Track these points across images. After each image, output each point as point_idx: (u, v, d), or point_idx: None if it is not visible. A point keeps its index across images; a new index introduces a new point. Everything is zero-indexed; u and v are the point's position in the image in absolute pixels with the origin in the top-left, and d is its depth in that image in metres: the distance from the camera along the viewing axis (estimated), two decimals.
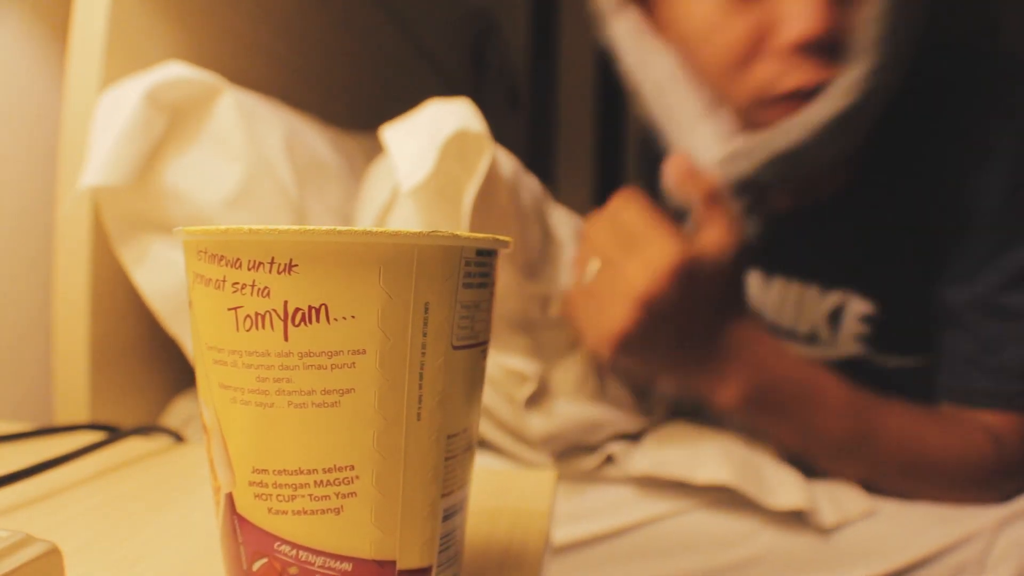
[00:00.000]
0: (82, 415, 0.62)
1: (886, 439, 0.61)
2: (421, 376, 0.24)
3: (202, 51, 0.75)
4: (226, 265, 0.23)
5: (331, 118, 1.06)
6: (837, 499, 0.59)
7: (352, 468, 0.23)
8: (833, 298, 0.74)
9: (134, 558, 0.32)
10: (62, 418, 0.62)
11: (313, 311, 0.22)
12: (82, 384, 0.61)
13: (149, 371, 0.69)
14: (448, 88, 1.74)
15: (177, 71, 0.59)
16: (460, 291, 0.24)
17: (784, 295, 0.78)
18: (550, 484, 0.43)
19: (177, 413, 0.68)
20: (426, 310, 0.23)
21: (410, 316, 0.23)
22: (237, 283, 0.23)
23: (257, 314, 0.23)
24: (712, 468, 0.57)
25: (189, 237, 0.24)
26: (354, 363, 0.23)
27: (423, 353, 0.24)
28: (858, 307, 0.73)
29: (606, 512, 0.60)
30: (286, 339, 0.23)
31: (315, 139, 0.71)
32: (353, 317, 0.22)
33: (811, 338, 0.77)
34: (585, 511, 0.60)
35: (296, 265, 0.22)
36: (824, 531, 0.57)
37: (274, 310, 0.23)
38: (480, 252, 0.25)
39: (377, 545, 0.24)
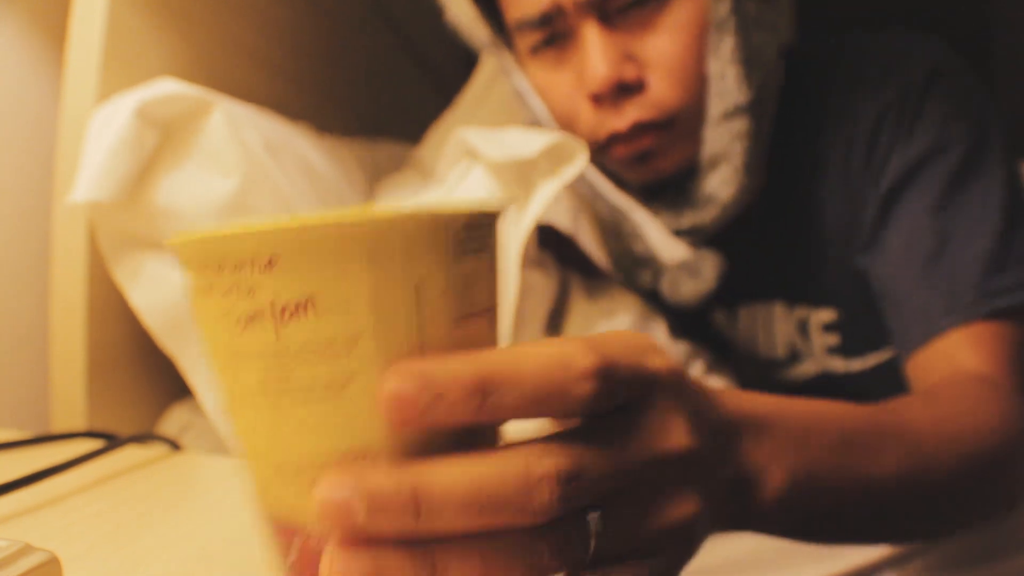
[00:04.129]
0: (79, 422, 0.62)
1: (921, 435, 0.50)
2: (423, 354, 0.23)
3: (199, 60, 0.75)
4: (211, 270, 0.22)
5: (328, 126, 1.07)
6: None
7: (367, 452, 0.23)
8: (799, 312, 0.74)
9: (132, 565, 0.33)
10: (59, 425, 0.62)
11: (300, 306, 0.22)
12: (79, 391, 0.61)
13: (146, 378, 0.69)
14: (446, 96, 1.75)
15: (168, 87, 0.60)
16: (452, 265, 0.23)
17: (752, 320, 0.76)
18: None
19: (173, 421, 0.69)
20: (418, 289, 0.22)
21: (401, 297, 0.22)
22: (224, 286, 0.22)
23: (248, 315, 0.22)
24: None
25: (174, 248, 0.24)
26: (351, 352, 0.22)
27: (421, 331, 0.23)
28: (819, 317, 0.73)
29: None
30: (277, 337, 0.22)
31: (307, 148, 0.72)
32: (342, 306, 0.22)
33: (793, 357, 0.76)
34: None
35: (277, 261, 0.21)
36: None
37: (262, 309, 0.22)
38: (471, 222, 0.24)
39: None
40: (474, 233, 0.24)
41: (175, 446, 0.53)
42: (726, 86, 0.61)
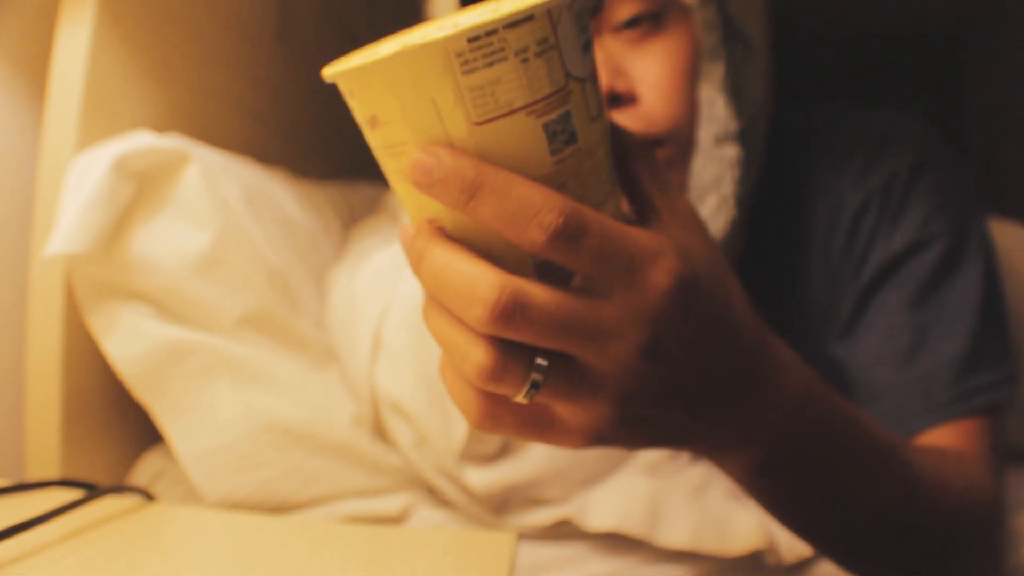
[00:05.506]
0: (53, 469, 0.62)
1: (922, 475, 0.49)
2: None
3: (179, 107, 0.77)
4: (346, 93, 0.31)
5: (306, 170, 1.08)
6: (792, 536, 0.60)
7: (436, 219, 0.30)
8: None
9: None
10: (33, 471, 0.62)
11: (371, 121, 0.29)
12: (54, 439, 0.62)
13: (120, 426, 0.70)
14: None
15: (145, 140, 0.61)
16: (461, 79, 0.27)
17: None
18: (509, 548, 0.44)
19: (146, 468, 0.69)
20: (434, 102, 0.27)
21: (422, 110, 0.28)
22: (351, 104, 0.31)
23: (363, 124, 0.30)
24: (672, 529, 0.58)
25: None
26: (403, 152, 0.29)
27: (447, 134, 0.28)
28: None
29: (566, 565, 0.61)
30: (370, 139, 0.31)
31: (283, 197, 0.73)
32: (389, 121, 0.29)
33: None
34: (545, 564, 0.61)
35: (353, 92, 0.29)
36: (784, 568, 0.59)
37: (361, 122, 0.30)
38: (474, 39, 0.27)
39: None
40: (484, 47, 0.27)
41: (148, 497, 0.53)
42: (716, 112, 0.61)
